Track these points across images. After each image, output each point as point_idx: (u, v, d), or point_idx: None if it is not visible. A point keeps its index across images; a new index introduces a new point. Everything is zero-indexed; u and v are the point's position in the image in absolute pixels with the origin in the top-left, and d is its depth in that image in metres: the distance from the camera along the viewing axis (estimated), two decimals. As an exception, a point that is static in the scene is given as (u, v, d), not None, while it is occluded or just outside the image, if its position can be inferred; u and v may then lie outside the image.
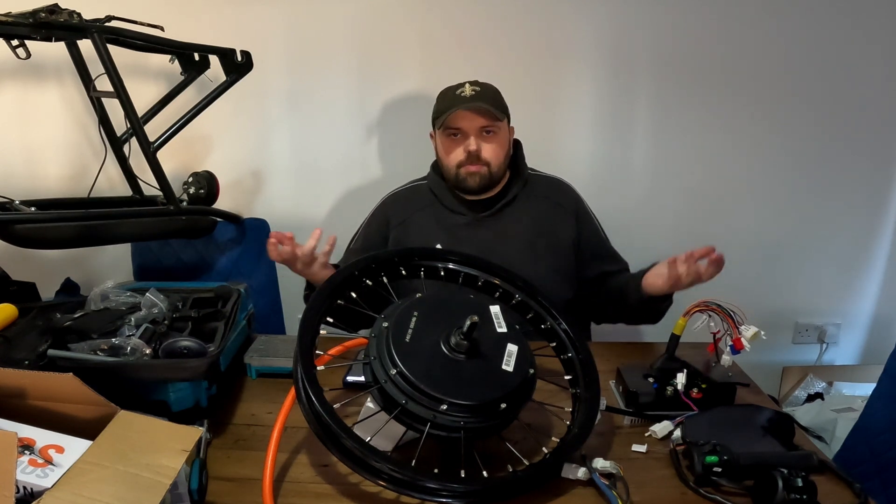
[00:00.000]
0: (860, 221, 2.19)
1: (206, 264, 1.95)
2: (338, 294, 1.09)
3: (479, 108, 1.47)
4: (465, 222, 1.58)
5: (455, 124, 1.50)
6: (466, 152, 1.50)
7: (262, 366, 1.33)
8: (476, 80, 1.54)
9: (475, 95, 1.49)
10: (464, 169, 1.52)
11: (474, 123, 1.49)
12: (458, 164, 1.52)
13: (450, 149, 1.54)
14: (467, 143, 1.50)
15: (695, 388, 1.17)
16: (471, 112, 1.47)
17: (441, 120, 1.50)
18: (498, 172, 1.54)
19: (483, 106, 1.47)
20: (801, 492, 0.90)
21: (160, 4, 1.80)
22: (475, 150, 1.49)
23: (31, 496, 0.78)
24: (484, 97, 1.49)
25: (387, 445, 1.00)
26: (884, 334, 2.28)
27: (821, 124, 2.08)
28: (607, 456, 1.01)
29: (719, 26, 2.00)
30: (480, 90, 1.50)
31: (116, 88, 1.56)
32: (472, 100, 1.47)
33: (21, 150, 2.02)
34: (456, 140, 1.52)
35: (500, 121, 1.50)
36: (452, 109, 1.47)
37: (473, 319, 0.96)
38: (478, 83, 1.52)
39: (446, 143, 1.54)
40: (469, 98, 1.48)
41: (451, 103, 1.49)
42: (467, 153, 1.50)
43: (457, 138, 1.52)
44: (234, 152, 2.09)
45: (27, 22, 1.45)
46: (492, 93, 1.53)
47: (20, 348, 1.14)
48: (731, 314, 1.17)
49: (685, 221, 2.17)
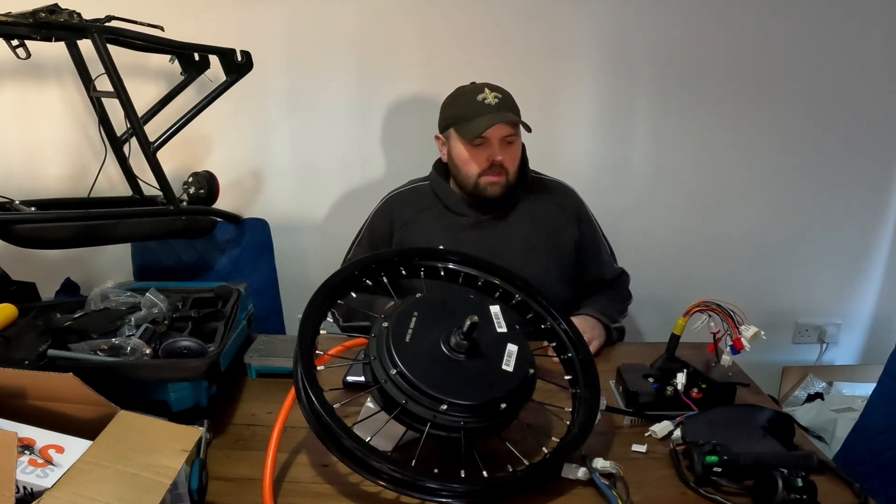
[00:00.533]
0: (860, 221, 2.19)
1: (206, 264, 1.95)
2: (338, 294, 1.09)
3: (509, 118, 1.45)
4: (468, 224, 1.57)
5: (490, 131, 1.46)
6: (489, 162, 1.48)
7: (262, 366, 1.33)
8: (492, 85, 1.51)
9: (500, 104, 1.46)
10: (485, 178, 1.50)
11: (499, 132, 1.46)
12: (480, 173, 1.50)
13: (471, 157, 1.50)
14: (491, 153, 1.48)
15: (695, 388, 1.17)
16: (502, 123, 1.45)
17: (464, 127, 1.47)
18: (514, 179, 1.54)
19: (512, 117, 1.45)
20: (801, 492, 0.90)
21: (160, 4, 1.80)
22: (500, 161, 1.48)
23: (31, 496, 0.78)
24: (508, 105, 1.48)
25: (387, 445, 1.00)
26: (884, 334, 2.28)
27: (821, 124, 2.08)
28: (607, 456, 1.01)
29: (719, 26, 2.00)
30: (503, 98, 1.48)
31: (116, 88, 1.56)
32: (499, 109, 1.45)
33: (21, 150, 2.02)
34: (479, 148, 1.49)
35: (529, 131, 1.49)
36: (481, 118, 1.44)
37: (473, 319, 0.96)
38: (497, 89, 1.50)
39: (469, 151, 1.50)
40: (496, 107, 1.45)
41: (477, 111, 1.46)
42: (491, 163, 1.48)
43: (480, 147, 1.49)
44: (234, 152, 2.09)
45: (27, 22, 1.45)
46: (512, 98, 1.51)
47: (20, 348, 1.14)
48: (731, 314, 1.17)
49: (685, 221, 2.17)
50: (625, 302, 1.67)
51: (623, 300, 1.66)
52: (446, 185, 1.60)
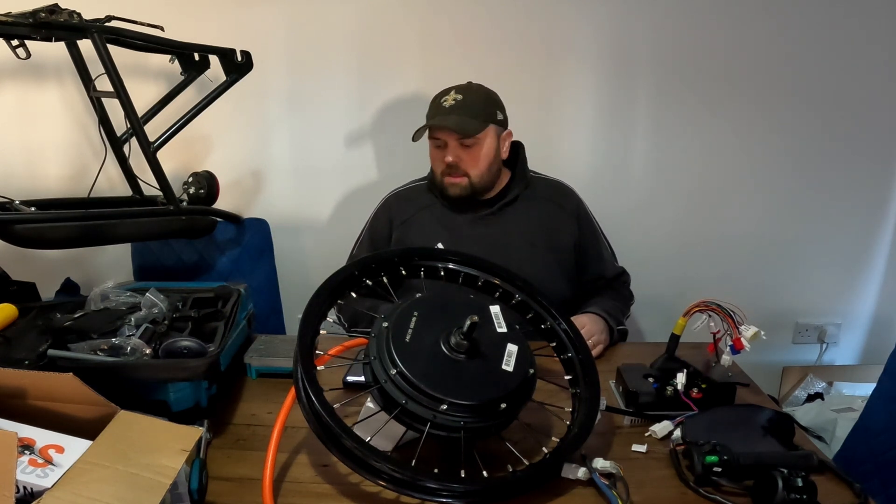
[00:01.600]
0: (860, 221, 2.19)
1: (206, 264, 1.95)
2: (338, 294, 1.09)
3: (444, 123, 1.47)
4: (467, 221, 1.58)
5: (435, 134, 1.52)
6: (445, 163, 1.52)
7: (262, 366, 1.33)
8: (465, 86, 1.53)
9: (454, 106, 1.48)
10: (446, 179, 1.55)
11: (451, 135, 1.50)
12: (442, 173, 1.55)
13: (434, 156, 1.57)
14: (445, 154, 1.51)
15: (695, 388, 1.17)
16: (440, 127, 1.49)
17: (422, 128, 1.52)
18: (481, 181, 1.54)
19: (451, 124, 1.47)
20: (801, 492, 0.90)
21: (160, 4, 1.80)
22: (452, 162, 1.51)
23: (31, 496, 0.78)
24: (462, 109, 1.48)
25: (387, 445, 1.00)
26: (884, 334, 2.28)
27: (821, 124, 2.08)
28: (607, 456, 1.01)
29: (719, 26, 2.00)
30: (462, 99, 1.49)
31: (116, 88, 1.56)
32: (449, 112, 1.48)
33: (21, 150, 2.02)
34: (439, 149, 1.54)
35: (476, 134, 1.49)
36: (432, 120, 1.50)
37: (473, 319, 0.96)
38: (463, 90, 1.52)
39: (432, 151, 1.57)
40: (447, 110, 1.49)
41: (433, 112, 1.52)
42: (446, 164, 1.52)
43: (440, 147, 1.53)
44: (234, 152, 2.09)
45: (27, 22, 1.45)
46: (476, 102, 1.51)
47: (20, 348, 1.14)
48: (731, 314, 1.17)
49: (685, 221, 2.17)
50: (627, 302, 1.66)
51: (625, 300, 1.66)
52: None
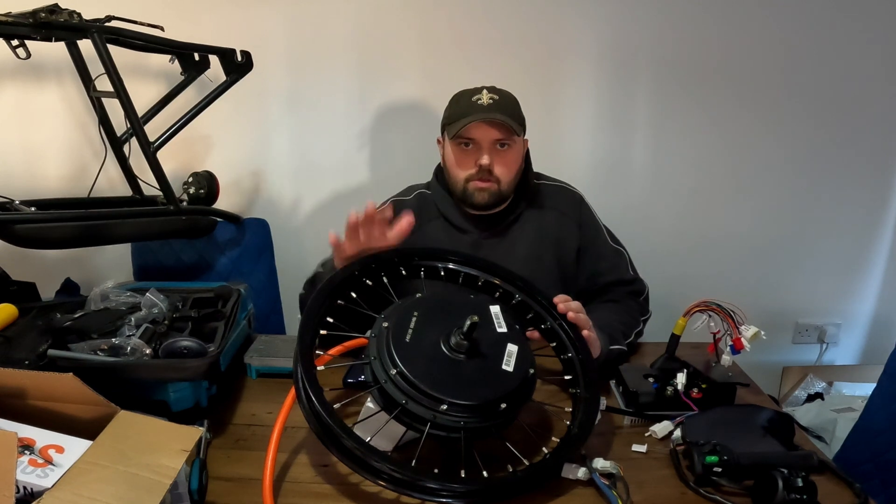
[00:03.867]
0: (860, 222, 2.20)
1: (206, 264, 1.95)
2: (338, 294, 1.09)
3: (496, 119, 1.36)
4: (471, 241, 1.50)
5: (468, 134, 1.39)
6: (478, 166, 1.39)
7: (262, 366, 1.33)
8: (494, 87, 1.44)
9: (493, 105, 1.38)
10: (472, 184, 1.42)
11: (489, 135, 1.38)
12: (468, 178, 1.42)
13: (460, 160, 1.43)
14: (479, 157, 1.39)
15: (695, 388, 1.17)
16: (486, 123, 1.36)
17: (453, 128, 1.39)
18: (507, 190, 1.44)
19: (500, 118, 1.36)
20: (801, 492, 0.90)
21: (160, 4, 1.80)
22: (487, 165, 1.38)
23: (31, 496, 0.78)
24: (502, 107, 1.38)
25: (387, 445, 1.00)
26: (884, 334, 2.28)
27: (821, 124, 2.08)
28: (607, 456, 1.01)
29: (719, 26, 2.00)
30: (499, 99, 1.39)
31: (116, 88, 1.57)
32: (490, 110, 1.36)
33: (21, 150, 2.02)
34: (468, 151, 1.41)
35: (516, 135, 1.40)
36: (467, 118, 1.36)
37: (473, 319, 0.96)
38: (496, 90, 1.43)
39: (457, 154, 1.43)
40: (486, 108, 1.37)
41: (466, 111, 1.38)
42: (478, 167, 1.39)
43: (469, 149, 1.41)
44: (234, 152, 2.09)
45: (27, 22, 1.45)
46: (511, 103, 1.42)
47: (20, 348, 1.14)
48: (731, 314, 1.17)
49: (685, 221, 2.17)
50: (634, 317, 1.46)
51: (631, 314, 1.46)
52: (449, 198, 1.52)
